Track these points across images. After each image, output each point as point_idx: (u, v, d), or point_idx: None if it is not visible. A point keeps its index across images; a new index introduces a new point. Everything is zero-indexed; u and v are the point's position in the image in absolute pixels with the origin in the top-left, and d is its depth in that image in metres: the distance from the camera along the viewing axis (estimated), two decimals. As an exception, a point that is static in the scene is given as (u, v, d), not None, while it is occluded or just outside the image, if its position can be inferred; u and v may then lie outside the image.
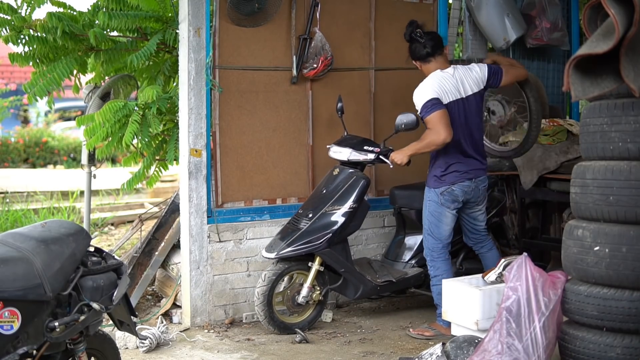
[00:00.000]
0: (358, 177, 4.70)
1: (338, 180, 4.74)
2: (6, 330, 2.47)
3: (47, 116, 17.84)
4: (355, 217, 4.71)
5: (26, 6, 5.15)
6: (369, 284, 4.75)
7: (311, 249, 4.57)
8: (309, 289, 4.62)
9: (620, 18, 3.10)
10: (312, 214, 4.66)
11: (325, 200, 4.68)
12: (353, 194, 4.66)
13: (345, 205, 4.64)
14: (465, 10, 6.16)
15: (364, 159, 4.72)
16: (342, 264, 4.68)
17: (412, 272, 5.00)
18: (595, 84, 3.27)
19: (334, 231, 4.60)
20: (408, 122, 4.56)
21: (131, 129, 4.97)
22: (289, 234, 4.64)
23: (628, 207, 3.34)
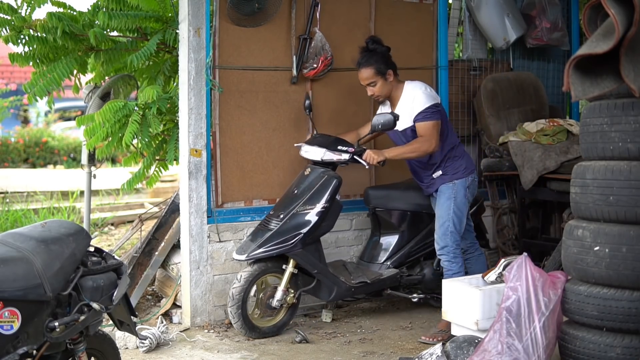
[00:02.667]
0: (330, 177, 4.61)
1: (310, 180, 4.65)
2: (6, 330, 2.47)
3: (47, 116, 17.84)
4: (328, 217, 4.63)
5: (26, 6, 5.15)
6: (343, 285, 4.67)
7: (283, 249, 4.48)
8: (283, 292, 4.52)
9: (621, 18, 3.10)
10: (284, 214, 4.56)
11: (297, 200, 4.59)
12: (325, 193, 4.58)
13: (318, 205, 4.56)
14: (465, 10, 6.17)
15: (338, 159, 4.63)
16: (315, 266, 4.59)
17: (388, 274, 4.90)
18: (595, 84, 3.27)
19: (306, 232, 4.51)
20: (385, 122, 4.47)
21: (131, 129, 4.97)
22: (260, 235, 4.55)
23: (628, 207, 3.35)
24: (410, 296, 4.98)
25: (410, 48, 5.71)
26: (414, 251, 5.01)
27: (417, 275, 5.03)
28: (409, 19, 5.70)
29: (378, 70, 4.51)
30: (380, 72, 4.51)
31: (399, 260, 4.99)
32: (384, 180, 5.50)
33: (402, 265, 5.00)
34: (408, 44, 5.69)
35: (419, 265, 5.05)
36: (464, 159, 4.65)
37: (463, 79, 6.02)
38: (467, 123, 6.06)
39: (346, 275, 4.78)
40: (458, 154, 4.64)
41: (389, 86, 4.57)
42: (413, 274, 5.03)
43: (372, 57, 4.52)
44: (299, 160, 5.25)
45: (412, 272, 5.04)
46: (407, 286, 5.02)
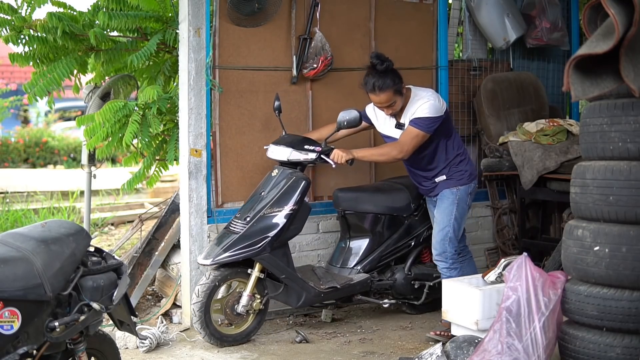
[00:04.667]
0: (298, 178, 4.48)
1: (277, 182, 4.51)
2: (6, 330, 2.47)
3: (47, 116, 17.85)
4: (296, 219, 4.48)
5: (26, 6, 5.15)
6: (312, 290, 4.51)
7: (249, 254, 4.32)
8: (248, 298, 4.36)
9: (620, 18, 3.10)
10: (250, 217, 4.41)
11: (264, 202, 4.44)
12: (293, 195, 4.44)
13: (285, 207, 4.41)
14: (465, 10, 6.16)
15: (305, 158, 4.52)
16: (282, 270, 4.44)
17: (358, 278, 4.76)
18: (595, 84, 3.27)
19: (273, 235, 4.36)
20: (350, 119, 4.39)
21: (131, 129, 4.97)
22: (226, 238, 4.39)
23: (628, 207, 3.35)
24: (381, 302, 4.85)
25: (410, 48, 5.71)
26: (385, 255, 4.86)
27: (388, 280, 4.89)
28: (409, 19, 5.70)
29: (396, 90, 4.40)
30: (398, 92, 4.41)
31: (370, 264, 4.84)
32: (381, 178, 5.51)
33: (372, 269, 4.86)
34: (408, 44, 5.69)
35: (390, 270, 4.91)
36: (468, 165, 4.62)
37: (463, 79, 6.02)
38: (467, 123, 6.06)
39: (315, 281, 4.64)
40: (463, 160, 4.61)
41: (399, 102, 4.48)
42: (384, 279, 4.89)
43: (386, 78, 4.38)
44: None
45: (383, 277, 4.89)
46: (378, 291, 4.89)
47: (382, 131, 4.72)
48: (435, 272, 4.92)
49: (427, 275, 4.95)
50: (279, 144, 4.64)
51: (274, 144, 4.67)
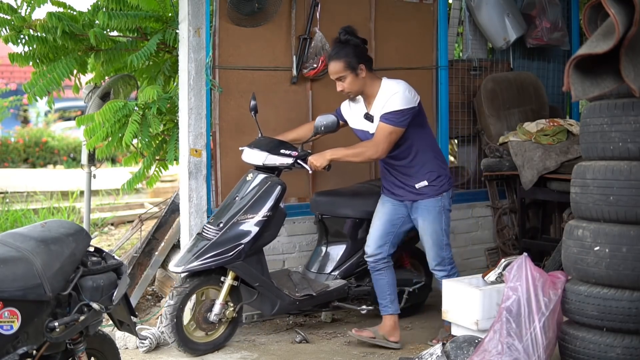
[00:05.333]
0: (273, 183, 4.34)
1: (251, 186, 4.36)
2: (6, 330, 2.47)
3: (47, 116, 17.85)
4: (270, 226, 4.34)
5: (26, 6, 5.15)
6: (287, 298, 4.39)
7: (221, 262, 4.20)
8: (221, 306, 4.25)
9: (621, 18, 3.10)
10: (223, 223, 4.28)
11: (238, 208, 4.31)
12: (268, 201, 4.30)
13: (259, 213, 4.27)
14: (465, 10, 6.16)
15: (281, 163, 4.37)
16: (256, 278, 4.31)
17: (335, 285, 4.63)
18: (596, 84, 3.27)
19: (247, 242, 4.23)
20: (328, 124, 4.25)
21: (131, 129, 4.97)
22: (198, 245, 4.27)
23: (628, 207, 3.35)
24: (359, 308, 4.72)
25: (410, 48, 5.71)
26: (362, 261, 4.65)
27: (367, 285, 4.72)
28: (409, 19, 5.70)
29: (348, 64, 4.17)
30: (350, 66, 4.17)
31: (347, 270, 4.72)
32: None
33: (350, 275, 4.74)
34: (408, 44, 5.69)
35: (368, 276, 4.67)
36: (446, 169, 4.42)
37: (463, 79, 6.02)
38: (467, 123, 6.06)
39: (290, 288, 4.52)
40: (441, 161, 4.38)
41: (360, 82, 4.23)
42: (362, 285, 4.75)
43: (343, 50, 4.20)
44: (299, 160, 5.24)
45: (361, 283, 4.76)
46: (356, 297, 4.75)
47: (353, 126, 4.47)
48: (415, 277, 4.89)
49: (406, 281, 4.84)
50: (254, 147, 4.48)
51: (249, 147, 4.50)
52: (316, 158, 4.25)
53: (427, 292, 5.06)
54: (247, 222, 4.28)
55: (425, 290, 5.02)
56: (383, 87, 4.25)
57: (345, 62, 4.18)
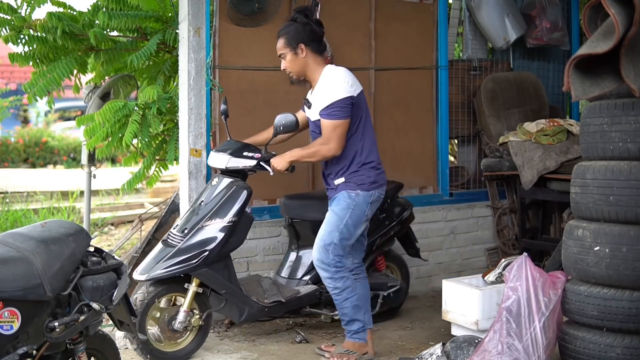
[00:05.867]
0: (239, 188, 4.20)
1: (217, 191, 4.23)
2: (6, 331, 2.47)
3: (47, 116, 17.85)
4: (236, 231, 4.20)
5: (26, 6, 5.15)
6: (255, 305, 4.26)
7: (185, 269, 4.05)
8: (185, 313, 4.10)
9: (621, 18, 3.10)
10: (188, 229, 4.14)
11: (203, 213, 4.18)
12: (233, 206, 4.16)
13: (224, 219, 4.14)
14: (465, 10, 6.17)
15: (244, 165, 4.23)
16: (222, 285, 4.17)
17: (305, 291, 4.51)
18: (596, 84, 3.27)
19: (212, 249, 4.09)
20: (286, 124, 4.05)
21: (131, 129, 4.97)
22: (162, 252, 4.13)
23: (628, 207, 3.35)
24: (332, 314, 4.56)
25: (411, 48, 5.71)
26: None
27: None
28: (409, 19, 5.70)
29: (288, 42, 4.03)
30: (289, 44, 4.03)
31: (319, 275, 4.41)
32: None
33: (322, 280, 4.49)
34: (408, 44, 5.69)
35: None
36: (375, 171, 4.06)
37: (463, 79, 6.02)
38: (467, 123, 6.06)
39: (259, 294, 4.39)
40: (371, 162, 4.06)
41: (301, 62, 4.06)
42: None
43: (287, 27, 4.08)
44: (299, 160, 5.24)
45: None
46: (329, 303, 4.54)
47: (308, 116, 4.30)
48: (390, 281, 4.79)
49: (380, 285, 4.73)
50: (219, 150, 4.37)
51: (215, 151, 4.40)
52: (278, 161, 4.09)
53: (403, 296, 4.98)
54: (212, 228, 4.14)
55: (401, 294, 4.92)
56: (324, 74, 4.06)
57: (286, 39, 4.06)
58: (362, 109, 4.05)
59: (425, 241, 5.74)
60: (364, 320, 4.09)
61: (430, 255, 5.79)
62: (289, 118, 4.07)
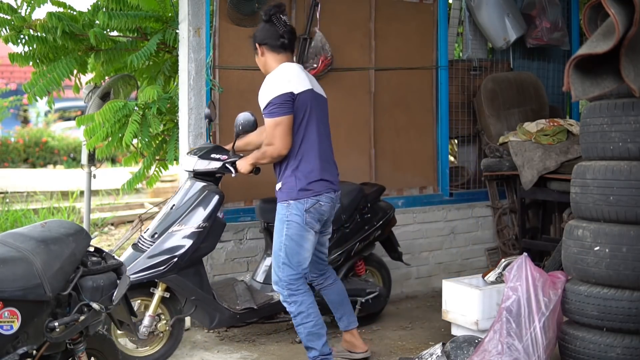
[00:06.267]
0: (210, 192, 4.09)
1: (188, 196, 4.12)
2: (6, 331, 2.47)
3: (47, 116, 17.85)
4: (208, 237, 4.07)
5: (26, 6, 5.15)
6: (226, 312, 4.15)
7: (153, 275, 3.94)
8: (151, 318, 3.98)
9: (621, 18, 3.10)
10: (158, 234, 4.04)
11: (173, 218, 4.06)
12: (204, 211, 4.04)
13: (195, 224, 4.02)
14: (465, 10, 6.17)
15: (210, 167, 4.12)
16: (191, 291, 4.05)
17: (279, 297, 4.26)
18: (596, 84, 3.27)
19: (181, 255, 3.96)
20: (245, 123, 3.93)
21: (131, 129, 4.97)
22: (131, 257, 4.02)
23: (628, 207, 3.35)
24: None
25: (411, 48, 5.72)
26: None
27: (316, 296, 4.28)
28: (409, 19, 5.70)
29: (252, 44, 3.94)
30: (252, 45, 3.93)
31: None
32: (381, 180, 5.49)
33: None
34: (408, 44, 5.70)
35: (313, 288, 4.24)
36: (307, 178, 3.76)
37: (463, 79, 6.02)
38: (467, 123, 6.07)
39: (232, 300, 4.29)
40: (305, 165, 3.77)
41: (262, 62, 3.92)
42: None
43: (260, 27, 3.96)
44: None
45: None
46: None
47: None
48: (369, 286, 4.71)
49: (359, 291, 4.64)
50: (190, 153, 4.30)
51: (186, 154, 4.33)
52: (242, 163, 3.97)
53: (383, 302, 4.87)
54: (182, 234, 4.01)
55: (381, 300, 4.81)
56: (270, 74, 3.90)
57: (251, 42, 3.96)
58: (306, 110, 3.77)
59: (425, 241, 5.75)
60: (321, 350, 3.79)
61: (430, 255, 5.79)
62: (246, 117, 3.95)
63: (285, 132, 3.71)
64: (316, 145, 3.79)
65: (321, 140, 3.82)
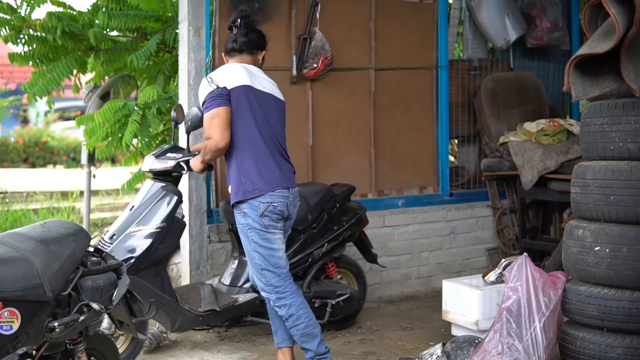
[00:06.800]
0: (168, 193, 4.03)
1: (148, 196, 4.05)
2: (6, 331, 2.46)
3: (47, 116, 17.85)
4: (166, 237, 3.99)
5: (26, 6, 5.15)
6: (188, 314, 4.07)
7: None
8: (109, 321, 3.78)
9: (621, 18, 3.10)
10: (116, 235, 3.96)
11: (132, 219, 3.99)
12: (162, 212, 3.98)
13: (153, 225, 3.95)
14: (466, 10, 6.17)
15: (165, 167, 4.06)
16: (150, 293, 3.94)
17: (244, 299, 4.33)
18: (596, 84, 3.27)
19: (138, 256, 3.89)
20: (192, 118, 3.91)
21: (131, 129, 4.97)
22: None
23: (628, 207, 3.34)
24: None
25: (411, 48, 5.71)
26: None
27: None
28: (409, 19, 5.70)
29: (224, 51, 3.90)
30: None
31: None
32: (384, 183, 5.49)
33: None
34: (408, 44, 5.70)
35: None
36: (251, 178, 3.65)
37: (463, 79, 6.02)
38: (467, 123, 6.06)
39: (195, 303, 4.20)
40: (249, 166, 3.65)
41: None
42: None
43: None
44: (300, 160, 5.24)
45: None
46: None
47: None
48: (339, 288, 4.61)
49: (329, 293, 4.56)
50: (151, 154, 4.23)
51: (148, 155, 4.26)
52: (194, 161, 3.89)
53: (356, 304, 4.76)
54: (140, 235, 3.95)
55: (354, 302, 4.70)
56: None
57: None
58: (241, 105, 3.66)
59: (425, 241, 5.75)
60: (316, 350, 3.71)
61: (430, 255, 5.79)
62: (192, 112, 3.93)
63: (221, 124, 3.62)
64: (259, 141, 3.68)
65: (265, 137, 3.70)
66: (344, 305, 4.62)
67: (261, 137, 3.69)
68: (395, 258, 5.61)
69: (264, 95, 3.78)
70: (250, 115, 3.67)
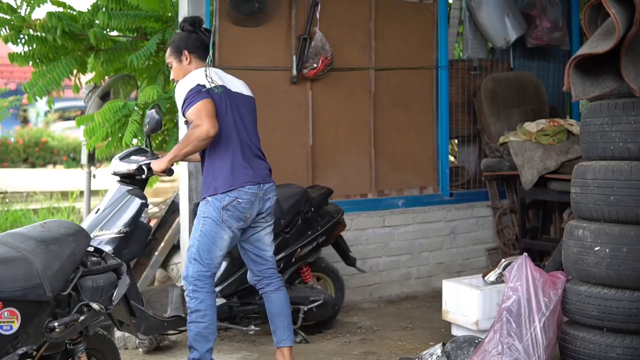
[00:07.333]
0: (132, 197, 3.95)
1: (113, 200, 3.98)
2: (6, 331, 2.47)
3: (47, 116, 17.85)
4: (131, 242, 3.92)
5: (26, 6, 5.15)
6: (152, 320, 3.99)
7: None
8: None
9: (621, 18, 3.10)
10: None
11: (96, 222, 3.93)
12: (125, 216, 3.90)
13: (116, 229, 3.88)
14: (466, 10, 6.17)
15: (127, 169, 3.97)
16: None
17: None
18: (596, 84, 3.27)
19: None
20: (150, 121, 3.86)
21: (131, 129, 4.97)
22: None
23: (629, 207, 3.34)
24: (246, 328, 4.37)
25: (411, 48, 5.71)
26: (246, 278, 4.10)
27: (253, 304, 4.37)
28: (409, 19, 5.70)
29: (172, 51, 3.85)
30: (174, 52, 3.85)
31: (229, 289, 4.34)
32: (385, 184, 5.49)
33: (233, 294, 4.38)
34: (408, 44, 5.69)
35: (256, 293, 4.12)
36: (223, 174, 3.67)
37: (463, 79, 6.02)
38: (467, 123, 6.06)
39: (162, 308, 4.14)
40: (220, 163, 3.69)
41: (185, 70, 3.83)
42: (249, 303, 4.39)
43: (174, 37, 3.94)
44: (300, 160, 5.26)
45: (247, 301, 4.39)
46: (245, 316, 4.39)
47: None
48: (312, 294, 4.54)
49: (301, 298, 4.49)
50: (116, 156, 4.15)
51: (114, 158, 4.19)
52: (156, 163, 3.83)
53: (331, 310, 4.67)
54: (102, 239, 3.87)
55: (327, 308, 4.61)
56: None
57: (171, 48, 3.88)
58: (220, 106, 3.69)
59: (425, 241, 5.75)
60: (202, 355, 3.64)
61: (430, 255, 5.79)
62: (150, 115, 3.88)
63: (210, 113, 3.61)
64: (233, 138, 3.71)
65: (241, 136, 3.73)
66: (317, 312, 4.53)
67: (237, 136, 3.72)
68: (395, 258, 5.61)
69: (237, 95, 3.82)
70: (229, 114, 3.72)
